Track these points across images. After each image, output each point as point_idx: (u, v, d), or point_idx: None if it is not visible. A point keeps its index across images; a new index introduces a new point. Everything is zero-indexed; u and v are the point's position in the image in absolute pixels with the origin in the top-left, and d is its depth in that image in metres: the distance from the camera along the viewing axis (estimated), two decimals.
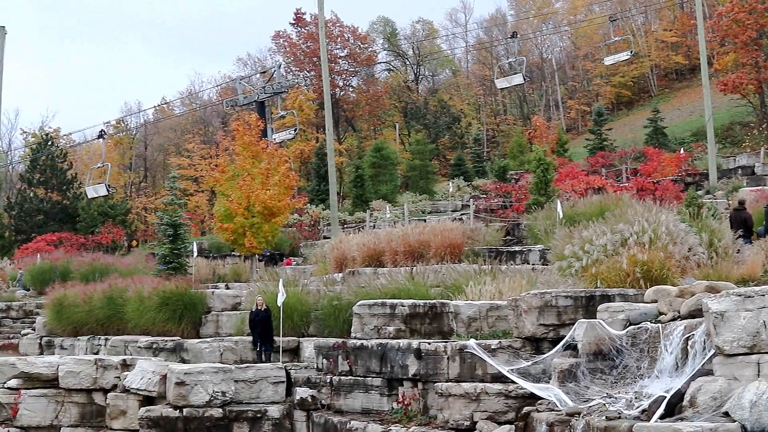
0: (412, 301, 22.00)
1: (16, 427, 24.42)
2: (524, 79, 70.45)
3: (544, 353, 17.84)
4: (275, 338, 26.65)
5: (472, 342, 18.79)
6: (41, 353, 35.10)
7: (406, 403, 19.83)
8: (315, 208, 67.17)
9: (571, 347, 16.66)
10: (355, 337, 22.18)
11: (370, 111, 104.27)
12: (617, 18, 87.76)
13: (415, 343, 19.92)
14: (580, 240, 20.65)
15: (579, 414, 13.87)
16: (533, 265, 29.94)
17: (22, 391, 24.47)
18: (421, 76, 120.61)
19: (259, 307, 26.50)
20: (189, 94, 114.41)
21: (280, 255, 50.79)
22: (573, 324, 16.88)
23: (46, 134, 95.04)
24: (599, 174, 58.95)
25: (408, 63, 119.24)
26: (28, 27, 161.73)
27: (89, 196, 62.29)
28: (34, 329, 39.15)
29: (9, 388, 24.64)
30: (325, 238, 54.61)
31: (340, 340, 22.58)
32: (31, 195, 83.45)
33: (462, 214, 54.46)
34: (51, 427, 24.47)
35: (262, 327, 26.32)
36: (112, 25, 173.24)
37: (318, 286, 30.27)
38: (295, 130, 68.29)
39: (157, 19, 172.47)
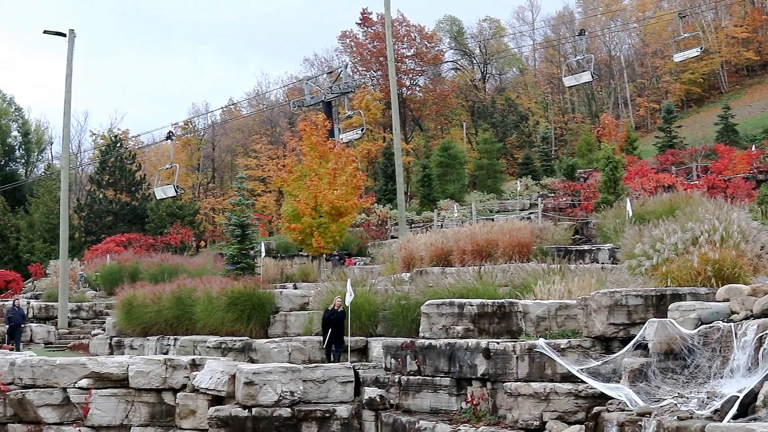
0: (480, 300, 21.89)
1: (87, 426, 24.69)
2: (592, 77, 69.67)
3: (614, 353, 17.65)
4: (345, 338, 26.67)
5: (541, 341, 18.65)
6: (111, 353, 35.44)
7: (474, 402, 19.73)
8: (382, 207, 67.13)
9: (642, 347, 16.45)
10: (423, 337, 22.11)
11: (437, 110, 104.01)
12: (687, 14, 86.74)
13: (483, 342, 19.81)
14: (650, 238, 20.39)
15: (650, 414, 13.68)
16: (602, 264, 29.66)
17: (93, 391, 24.72)
18: (488, 75, 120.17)
19: (336, 308, 26.43)
20: (256, 95, 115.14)
21: (348, 255, 50.84)
22: (643, 323, 16.67)
23: (115, 136, 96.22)
24: (669, 172, 58.19)
25: (475, 62, 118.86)
26: (96, 30, 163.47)
27: (158, 197, 62.76)
28: (104, 329, 39.57)
29: (80, 388, 24.92)
30: (392, 237, 54.58)
31: (408, 340, 22.52)
32: (101, 196, 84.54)
33: (530, 213, 54.16)
34: (121, 427, 24.69)
35: (336, 327, 26.26)
36: (179, 28, 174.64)
37: (386, 285, 30.23)
38: (362, 130, 68.13)
39: (224, 21, 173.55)
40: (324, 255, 43.84)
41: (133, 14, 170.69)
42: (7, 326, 38.47)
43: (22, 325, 39.17)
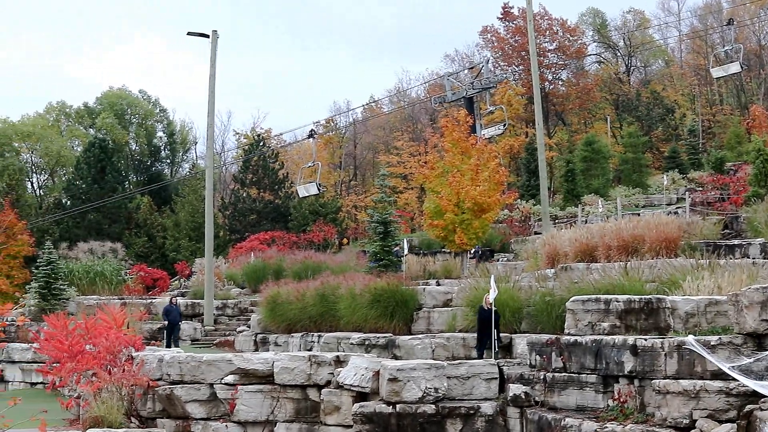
0: (627, 296, 21.51)
1: (234, 421, 25.10)
2: (741, 68, 67.86)
3: (766, 350, 17.14)
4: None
5: (690, 338, 18.21)
6: (256, 350, 35.97)
7: (622, 400, 19.41)
8: (525, 203, 66.65)
9: None
10: (568, 333, 21.85)
11: (581, 104, 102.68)
12: None
13: (630, 339, 19.45)
14: None
15: None
16: (753, 258, 28.86)
17: (239, 387, 25.11)
18: (632, 68, 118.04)
19: (489, 306, 26.30)
20: (397, 92, 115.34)
21: (491, 251, 50.61)
22: None
23: (258, 135, 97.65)
24: None
25: (619, 54, 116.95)
26: (238, 30, 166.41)
27: (300, 195, 63.46)
28: (249, 326, 40.22)
29: (226, 384, 25.35)
30: (535, 233, 54.13)
31: (553, 336, 22.29)
32: (244, 195, 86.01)
33: (677, 208, 53.14)
34: (267, 422, 25.01)
35: (490, 325, 26.16)
36: (319, 27, 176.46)
37: (530, 282, 29.99)
38: (504, 126, 67.75)
39: (364, 19, 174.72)
40: (467, 251, 43.69)
41: (274, 14, 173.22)
42: (166, 323, 39.38)
43: (180, 323, 40.04)
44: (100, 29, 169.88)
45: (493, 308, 25.78)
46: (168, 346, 36.47)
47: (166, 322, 39.30)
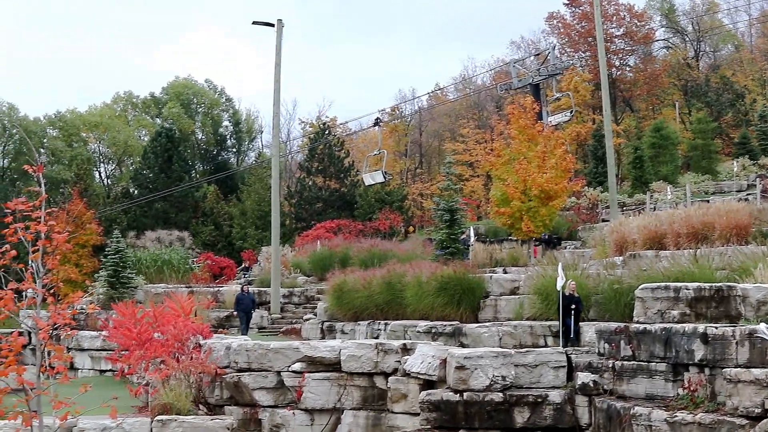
0: (696, 284, 21.17)
1: (301, 409, 25.18)
2: None
3: None
4: (554, 322, 26.38)
5: (762, 326, 17.88)
6: (323, 338, 36.08)
7: (692, 389, 19.13)
8: (593, 190, 66.22)
9: None
10: (637, 321, 21.58)
11: (648, 90, 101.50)
12: None
13: (701, 327, 19.14)
14: None
15: None
16: None
17: (306, 375, 25.19)
18: (701, 53, 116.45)
19: (571, 292, 26.16)
20: (463, 80, 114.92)
21: (558, 239, 50.30)
22: None
23: (323, 123, 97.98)
24: None
25: (687, 39, 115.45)
26: (301, 18, 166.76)
27: (366, 183, 63.53)
28: (315, 314, 40.37)
29: (293, 372, 25.45)
30: (603, 221, 53.71)
31: (622, 325, 22.02)
32: (310, 183, 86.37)
33: (748, 194, 52.45)
34: (334, 410, 25.07)
35: (576, 311, 26.00)
36: (384, 14, 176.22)
37: (597, 269, 29.75)
38: (571, 112, 67.29)
39: (428, 6, 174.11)
40: (534, 239, 43.45)
41: (338, 2, 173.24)
42: (236, 312, 39.57)
43: (252, 311, 40.21)
44: (166, 19, 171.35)
45: (560, 294, 25.64)
46: (244, 333, 36.59)
47: (237, 311, 39.50)
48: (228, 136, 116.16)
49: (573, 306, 25.93)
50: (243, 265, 65.43)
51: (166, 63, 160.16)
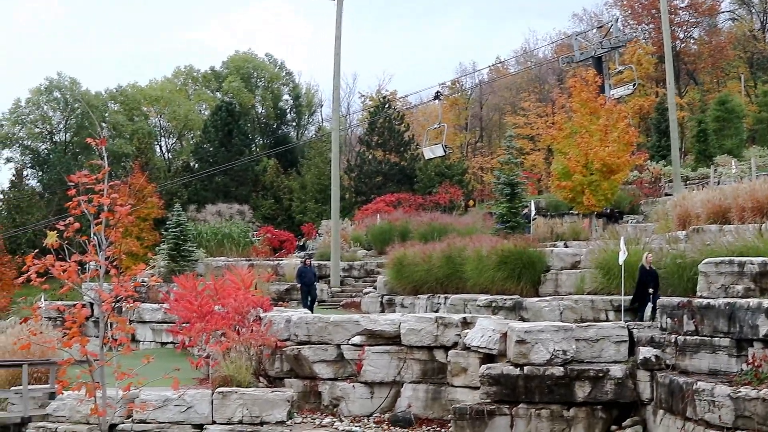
0: (761, 258, 20.84)
1: (360, 382, 25.24)
2: None
3: None
4: (616, 296, 26.17)
5: None
6: (382, 311, 36.12)
7: (756, 364, 18.85)
8: (655, 164, 65.46)
9: None
10: (700, 296, 21.30)
11: (713, 63, 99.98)
12: None
13: (765, 302, 18.85)
14: None
15: None
16: None
17: (366, 348, 25.22)
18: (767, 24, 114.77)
19: (649, 265, 25.95)
20: (524, 53, 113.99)
21: (620, 213, 49.85)
22: None
23: (383, 97, 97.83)
24: None
25: (754, 11, 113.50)
26: None
27: (426, 157, 63.37)
28: (375, 288, 40.33)
29: (353, 345, 25.50)
30: (666, 195, 53.18)
31: (685, 299, 21.74)
32: (370, 157, 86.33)
33: None
34: (394, 383, 25.11)
35: (654, 285, 25.80)
36: None
37: (660, 244, 29.42)
38: (633, 85, 66.37)
39: None
40: (595, 213, 43.10)
41: None
42: (299, 285, 39.56)
43: (315, 285, 40.13)
44: None
45: (623, 269, 25.43)
46: (307, 307, 36.55)
47: (300, 285, 39.46)
48: (288, 110, 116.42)
49: (650, 280, 25.74)
50: (299, 242, 65.57)
51: (226, 37, 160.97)
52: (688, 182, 55.70)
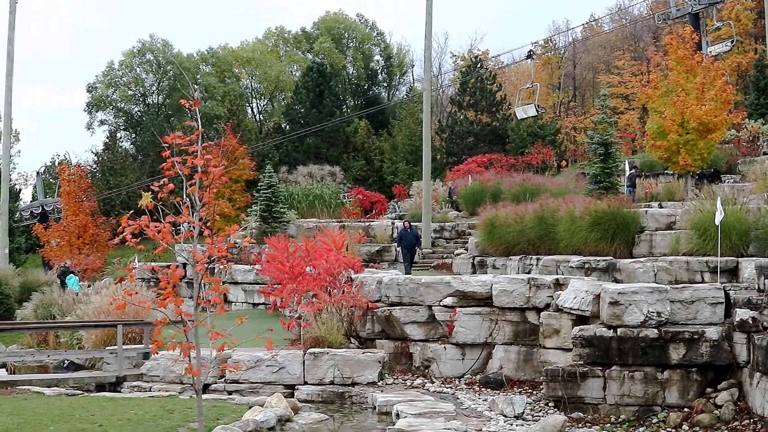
0: None
1: (452, 343, 25.15)
2: None
3: None
4: (711, 257, 25.70)
5: None
6: (474, 272, 35.96)
7: None
8: (753, 123, 64.01)
9: None
10: None
11: None
12: None
13: None
14: None
15: None
16: None
17: (457, 309, 25.11)
18: None
19: None
20: (618, 10, 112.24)
21: (717, 172, 49.00)
22: None
23: (475, 57, 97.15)
24: None
25: None
26: None
27: (518, 117, 63.03)
28: (466, 249, 40.18)
29: (444, 306, 25.43)
30: (764, 154, 52.10)
31: None
32: (461, 118, 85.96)
33: None
34: (485, 344, 24.98)
35: None
36: None
37: (758, 204, 28.86)
38: (731, 42, 65.05)
39: None
40: (691, 173, 42.40)
41: None
42: (400, 248, 39.52)
43: (416, 248, 40.06)
44: None
45: (719, 229, 24.93)
46: (407, 271, 36.51)
47: (401, 248, 39.38)
48: (379, 71, 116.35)
49: None
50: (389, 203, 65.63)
51: None
52: None
